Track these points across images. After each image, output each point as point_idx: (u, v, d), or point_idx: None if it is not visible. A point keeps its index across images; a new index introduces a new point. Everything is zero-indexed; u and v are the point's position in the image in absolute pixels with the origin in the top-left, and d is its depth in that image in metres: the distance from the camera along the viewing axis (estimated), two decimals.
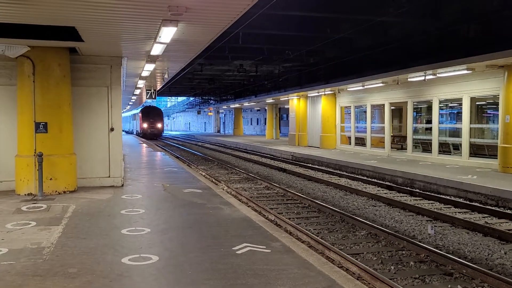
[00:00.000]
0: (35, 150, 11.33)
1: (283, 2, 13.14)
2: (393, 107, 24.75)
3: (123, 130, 78.83)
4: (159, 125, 57.02)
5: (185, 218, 9.04)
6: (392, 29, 18.78)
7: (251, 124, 68.89)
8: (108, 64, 13.09)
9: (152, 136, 54.78)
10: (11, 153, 11.77)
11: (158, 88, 27.75)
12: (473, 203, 12.49)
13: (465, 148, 18.27)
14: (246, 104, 47.32)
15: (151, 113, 56.83)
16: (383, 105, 24.03)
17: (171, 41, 10.38)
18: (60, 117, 11.68)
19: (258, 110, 62.05)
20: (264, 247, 6.90)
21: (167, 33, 9.45)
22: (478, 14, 15.78)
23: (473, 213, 11.78)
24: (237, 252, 6.64)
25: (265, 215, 11.05)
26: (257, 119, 65.71)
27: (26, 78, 11.37)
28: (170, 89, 47.69)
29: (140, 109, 58.79)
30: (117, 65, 13.20)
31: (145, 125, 55.37)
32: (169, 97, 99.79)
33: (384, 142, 24.27)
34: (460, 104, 18.80)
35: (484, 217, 11.32)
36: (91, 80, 13.00)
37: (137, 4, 7.52)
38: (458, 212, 11.82)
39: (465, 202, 12.73)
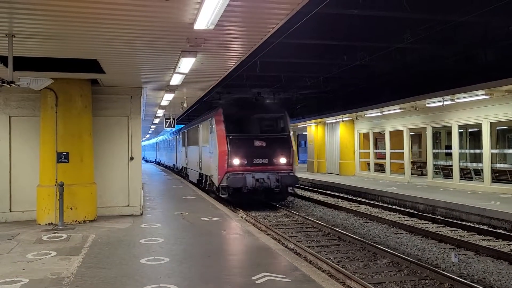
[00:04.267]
0: (56, 180, 11.50)
1: (299, 32, 13.28)
2: (412, 133, 24.54)
3: (158, 163, 54.99)
4: (282, 159, 17.47)
5: (204, 247, 9.01)
6: (409, 55, 18.79)
7: None
8: (128, 95, 13.36)
9: (263, 194, 17.37)
10: (33, 183, 11.97)
11: (177, 117, 28.06)
12: (497, 230, 12.19)
13: (487, 174, 17.95)
14: None
15: (256, 121, 18.30)
16: (402, 131, 23.88)
17: (190, 71, 10.56)
18: (81, 147, 11.88)
19: None
20: (284, 276, 6.82)
21: (186, 64, 9.65)
22: (495, 39, 15.73)
23: (497, 240, 11.49)
24: (256, 281, 6.57)
25: (284, 244, 10.95)
26: None
27: (49, 109, 11.66)
28: (189, 117, 48.10)
29: (213, 112, 19.18)
30: (137, 95, 13.46)
31: (236, 161, 17.06)
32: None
33: (404, 168, 24.00)
34: (480, 129, 18.58)
35: (509, 244, 11.03)
36: (112, 110, 13.27)
37: (157, 37, 7.71)
38: (482, 240, 11.55)
39: (489, 229, 12.44)
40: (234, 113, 18.09)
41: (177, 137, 33.37)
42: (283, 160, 17.33)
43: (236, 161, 16.91)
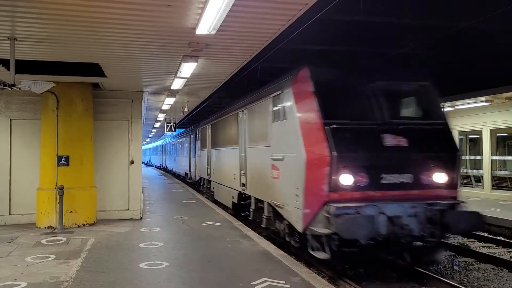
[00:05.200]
0: (56, 183, 11.49)
1: (300, 37, 13.31)
2: None
3: (164, 169, 44.43)
4: (440, 176, 8.14)
5: (203, 251, 8.99)
6: (410, 61, 18.84)
7: None
8: (129, 99, 13.39)
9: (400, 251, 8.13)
10: (33, 187, 11.94)
11: (178, 121, 28.05)
12: (497, 237, 12.17)
13: (487, 180, 17.94)
14: None
15: (379, 95, 8.51)
16: None
17: (191, 76, 10.58)
18: (82, 150, 11.87)
19: None
20: (284, 282, 6.80)
21: (188, 68, 9.66)
22: (495, 46, 15.78)
23: (497, 247, 11.47)
24: (256, 287, 6.55)
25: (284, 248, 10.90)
26: None
27: (50, 113, 11.66)
28: (189, 121, 47.96)
29: (288, 78, 9.99)
30: (138, 99, 13.48)
31: (348, 178, 7.73)
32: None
33: None
34: (480, 136, 18.59)
35: (509, 251, 11.01)
36: (113, 114, 13.28)
37: (159, 41, 7.73)
38: (482, 247, 11.52)
39: (489, 236, 12.41)
40: (334, 80, 8.87)
41: (191, 136, 25.52)
42: (441, 178, 8.22)
43: (348, 179, 7.84)
